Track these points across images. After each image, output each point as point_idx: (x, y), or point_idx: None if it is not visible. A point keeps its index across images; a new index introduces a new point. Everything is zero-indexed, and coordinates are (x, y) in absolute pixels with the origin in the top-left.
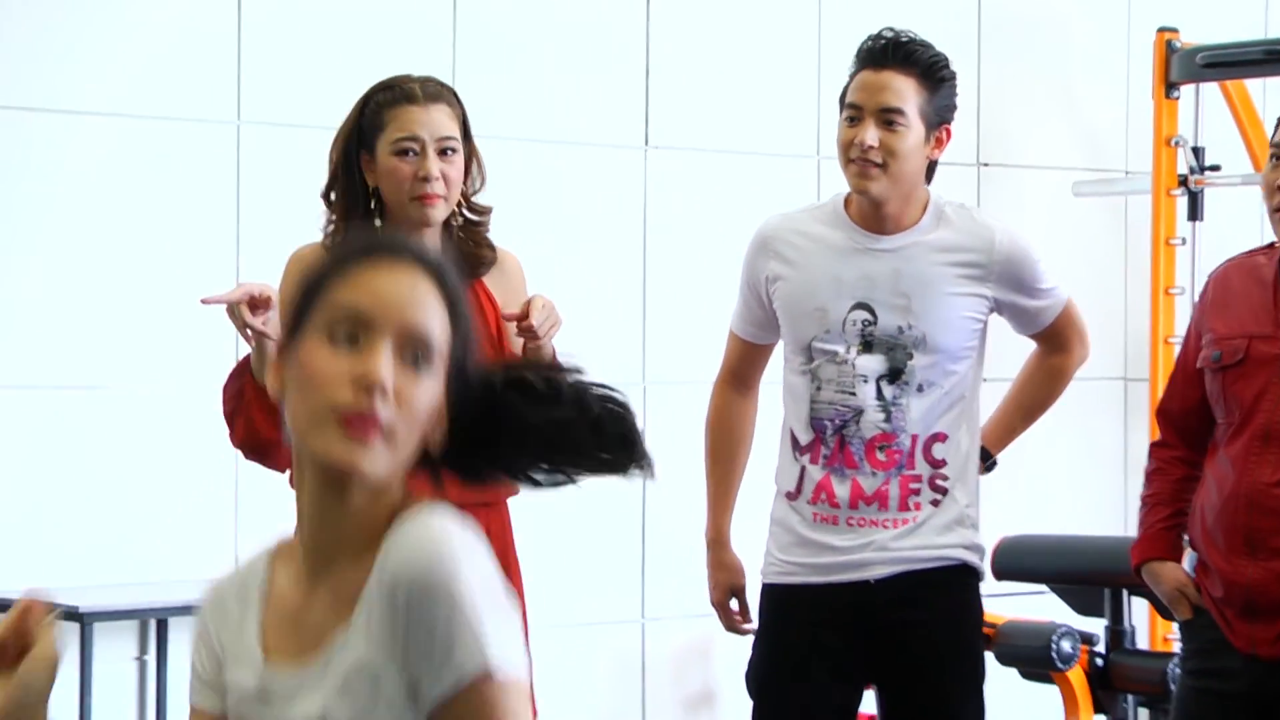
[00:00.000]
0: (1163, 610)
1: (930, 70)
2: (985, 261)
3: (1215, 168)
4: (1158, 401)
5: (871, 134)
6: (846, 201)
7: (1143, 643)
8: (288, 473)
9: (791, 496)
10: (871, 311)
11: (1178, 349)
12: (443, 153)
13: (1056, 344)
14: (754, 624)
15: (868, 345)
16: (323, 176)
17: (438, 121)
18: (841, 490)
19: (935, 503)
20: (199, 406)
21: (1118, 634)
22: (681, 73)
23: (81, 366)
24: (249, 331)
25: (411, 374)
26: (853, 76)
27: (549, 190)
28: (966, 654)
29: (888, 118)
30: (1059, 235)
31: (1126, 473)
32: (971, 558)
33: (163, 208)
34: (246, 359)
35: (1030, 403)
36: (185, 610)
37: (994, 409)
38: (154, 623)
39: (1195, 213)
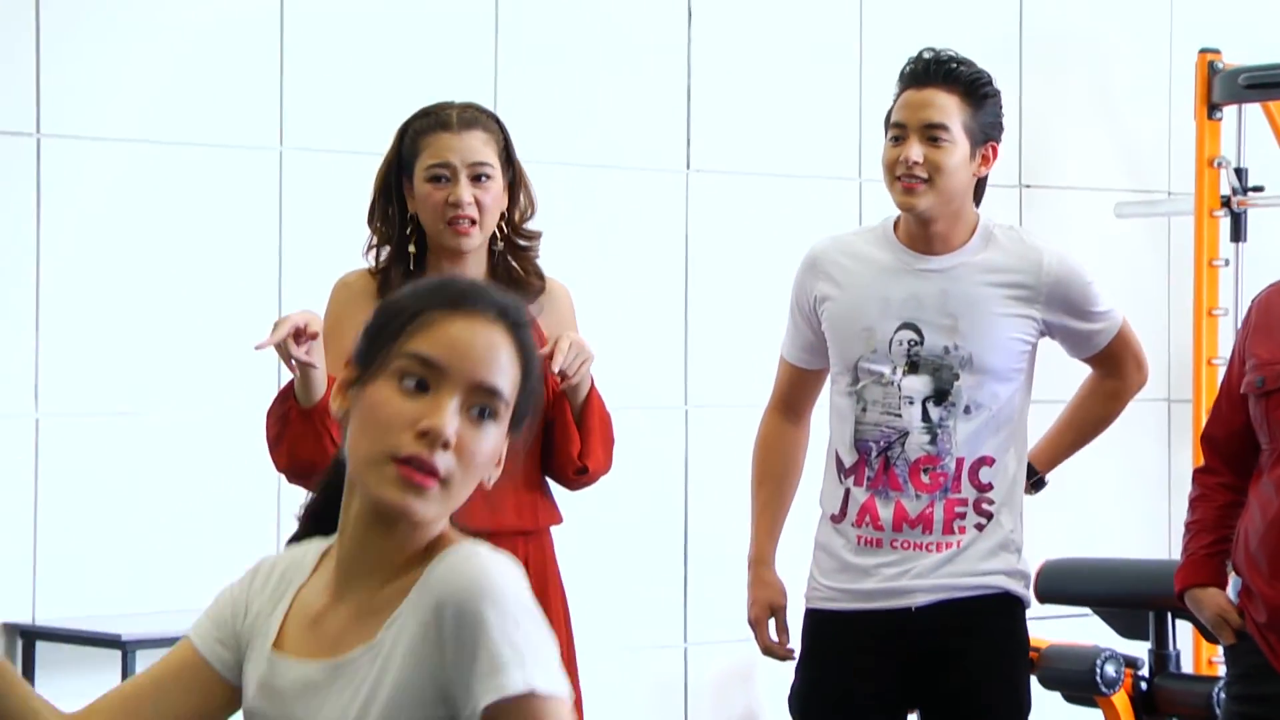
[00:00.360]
0: (1207, 634)
1: (973, 87)
2: (1033, 283)
3: (1259, 189)
4: (1201, 423)
5: (916, 150)
6: (896, 224)
7: (1187, 666)
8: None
9: (836, 519)
10: (918, 331)
11: (1221, 370)
12: (476, 179)
13: (1111, 368)
14: (792, 646)
15: (913, 366)
16: (366, 202)
17: (470, 148)
18: (885, 512)
19: (980, 527)
20: (241, 433)
21: (1162, 658)
22: (723, 96)
23: (125, 393)
24: (294, 363)
25: (476, 426)
26: (896, 98)
27: (590, 214)
28: (1008, 683)
29: (932, 134)
30: (1101, 256)
31: (1170, 495)
32: (1014, 585)
33: (206, 234)
34: (290, 384)
35: (1084, 424)
36: None
37: (1047, 427)
38: None
39: (1238, 234)
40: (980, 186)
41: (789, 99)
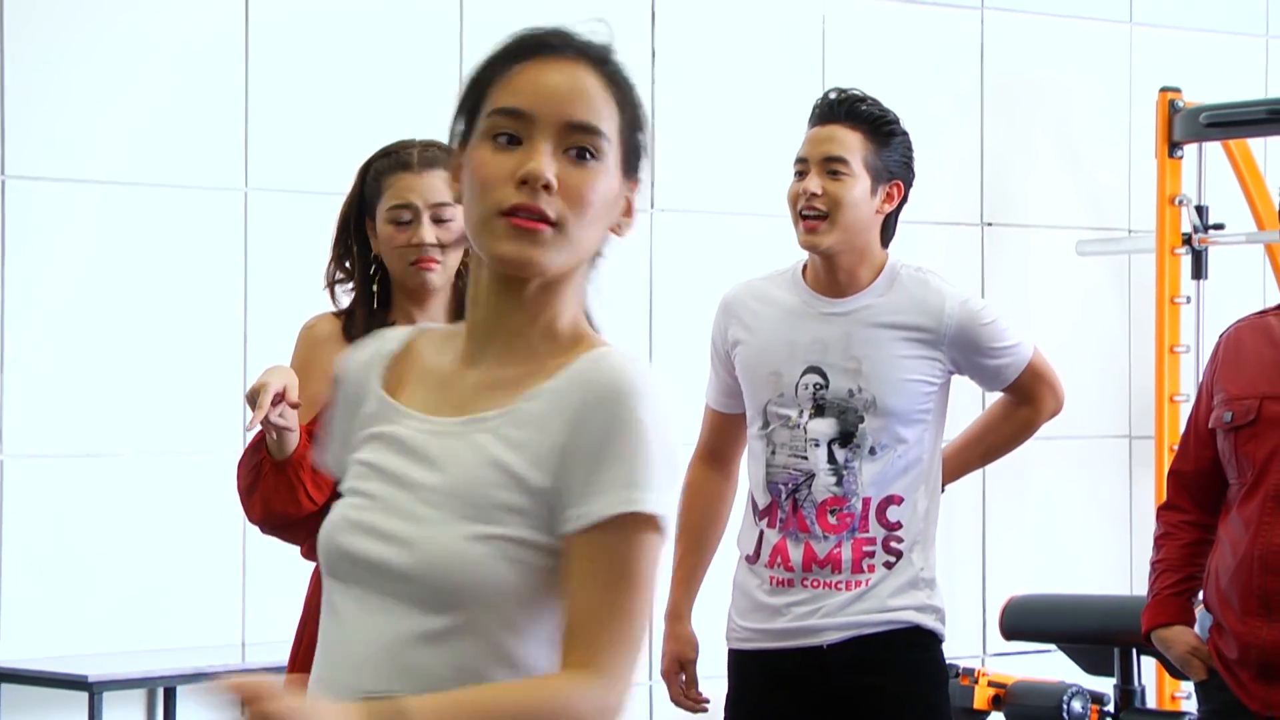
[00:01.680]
0: (1172, 670)
1: (876, 125)
2: (935, 327)
3: (1219, 226)
4: (1163, 459)
5: (815, 182)
6: (805, 267)
7: (1152, 702)
8: (304, 545)
9: (750, 560)
10: (823, 375)
11: (1184, 407)
12: (438, 220)
13: (1025, 397)
14: (704, 697)
15: (819, 409)
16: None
17: (431, 187)
18: (795, 554)
19: (889, 565)
20: (207, 473)
21: (1127, 693)
22: (687, 135)
23: (90, 435)
24: (270, 427)
25: (579, 167)
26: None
27: None
28: (923, 715)
29: (831, 167)
30: (1063, 294)
31: (1132, 530)
32: (924, 619)
33: (171, 274)
34: (260, 435)
35: (993, 445)
36: (193, 678)
37: (952, 441)
38: (162, 691)
39: (1199, 271)
40: (888, 227)
41: (753, 139)
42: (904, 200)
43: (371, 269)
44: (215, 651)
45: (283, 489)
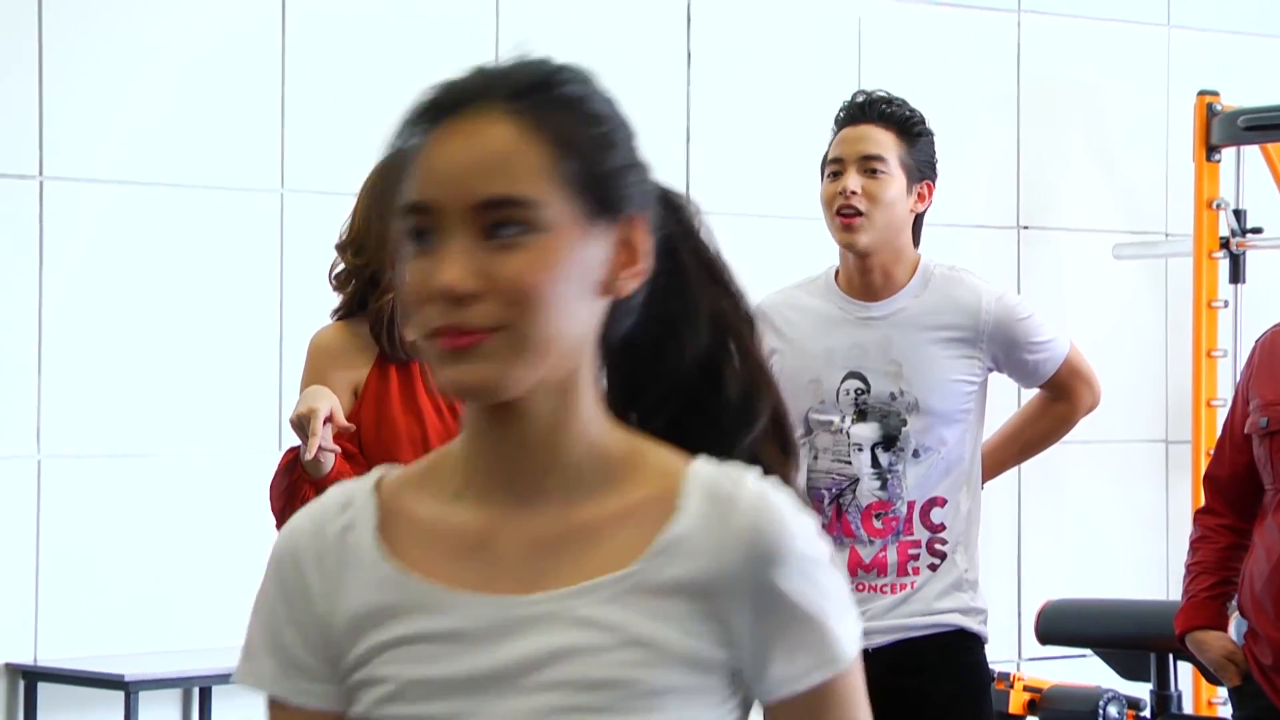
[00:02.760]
0: (1208, 675)
1: (907, 124)
2: (973, 325)
3: (1257, 230)
4: (1200, 464)
5: (855, 180)
6: (836, 273)
7: (1188, 707)
8: None
9: None
10: (864, 380)
11: (1220, 412)
12: None
13: (1062, 393)
14: None
15: (861, 414)
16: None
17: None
18: (840, 559)
19: (933, 567)
20: (243, 473)
21: (1163, 699)
22: (721, 138)
23: (127, 435)
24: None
25: (509, 252)
26: (832, 140)
27: None
28: (968, 717)
29: (869, 165)
30: (1099, 298)
31: (1168, 535)
32: (969, 622)
33: (207, 275)
34: (293, 453)
35: (1029, 441)
36: (228, 678)
37: (989, 438)
38: (198, 691)
39: (1237, 275)
40: (918, 227)
41: (788, 142)
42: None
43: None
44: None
45: None
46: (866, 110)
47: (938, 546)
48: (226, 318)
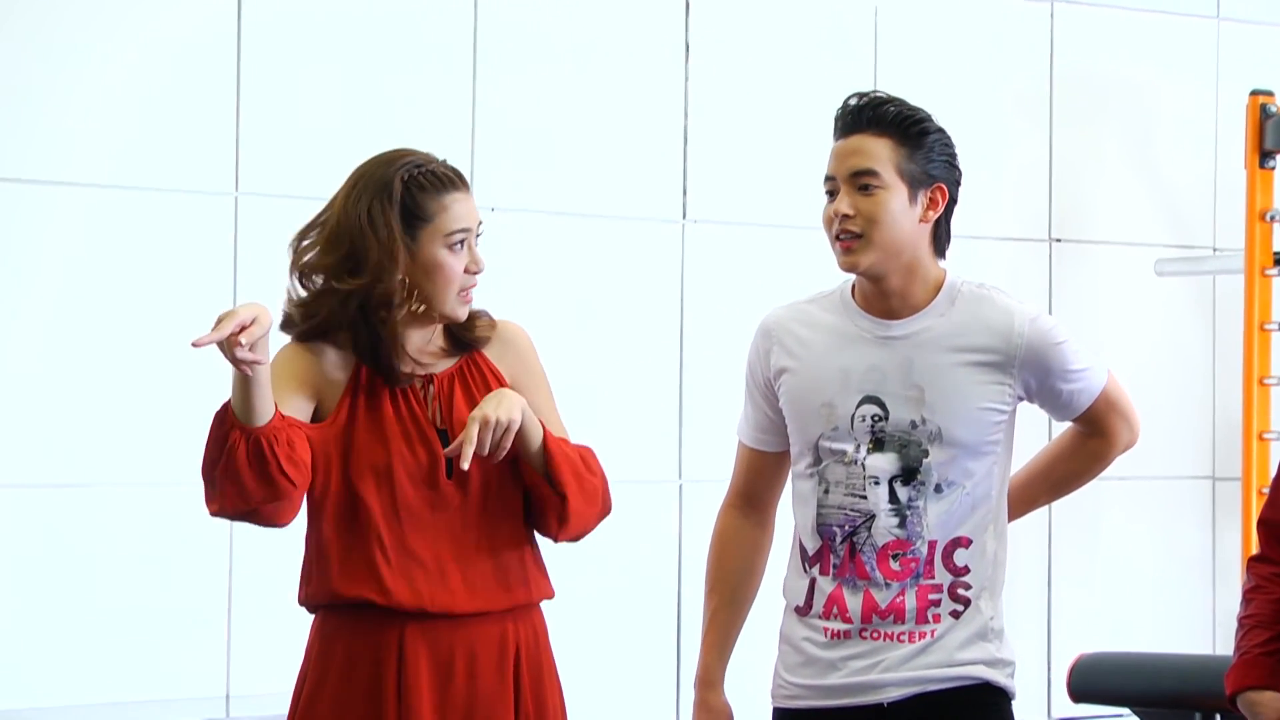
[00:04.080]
0: None
1: (903, 125)
2: (1004, 348)
3: None
4: (1250, 503)
5: (845, 202)
6: (854, 287)
7: None
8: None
9: (801, 611)
10: (882, 406)
11: (1274, 446)
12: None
13: (1097, 428)
14: None
15: (879, 443)
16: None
17: (475, 209)
18: (854, 603)
19: (956, 614)
20: (194, 508)
21: None
22: (721, 143)
23: (67, 463)
24: (239, 361)
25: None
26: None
27: (580, 267)
28: None
29: (861, 182)
30: (1139, 318)
31: (1214, 582)
32: (995, 675)
33: (158, 282)
34: (227, 404)
35: (1060, 480)
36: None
37: (1016, 473)
38: None
39: None
40: (939, 236)
41: (796, 146)
42: (952, 203)
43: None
44: (197, 704)
45: (255, 463)
46: (858, 117)
47: (961, 591)
48: (178, 326)
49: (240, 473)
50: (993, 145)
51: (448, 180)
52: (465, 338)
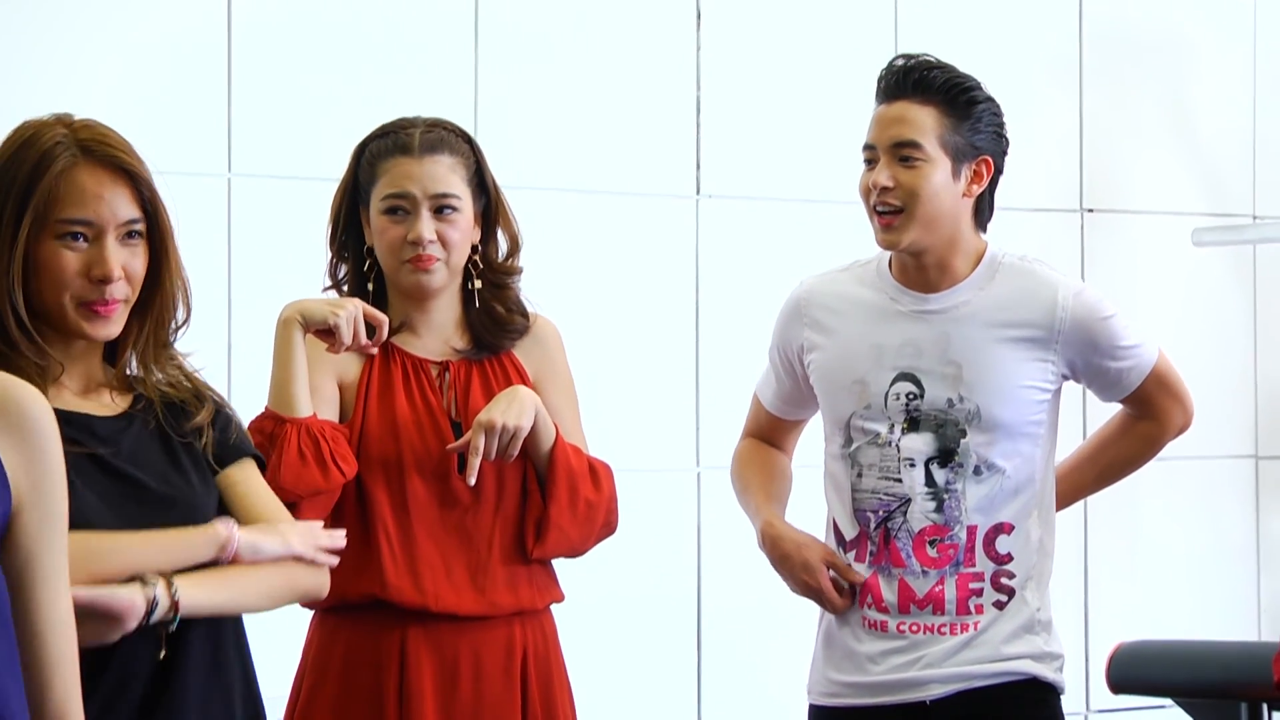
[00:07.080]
0: None
1: (950, 94)
2: (1047, 324)
3: None
4: None
5: (885, 174)
6: (890, 258)
7: None
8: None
9: None
10: (918, 383)
11: None
12: (439, 211)
13: (1148, 410)
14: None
15: (914, 423)
16: (315, 229)
17: (433, 175)
18: (889, 593)
19: (1000, 605)
20: None
21: None
22: (735, 116)
23: None
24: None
25: None
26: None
27: (592, 245)
28: None
29: (902, 153)
30: (1176, 291)
31: (1259, 566)
32: (1043, 670)
33: None
34: (266, 413)
35: (1110, 466)
36: None
37: (1064, 460)
38: None
39: None
40: (982, 209)
41: (814, 116)
42: (998, 174)
43: (366, 264)
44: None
45: (309, 453)
46: (903, 82)
47: (1004, 581)
48: None
49: (293, 462)
50: (1020, 110)
51: (397, 145)
52: (486, 339)
